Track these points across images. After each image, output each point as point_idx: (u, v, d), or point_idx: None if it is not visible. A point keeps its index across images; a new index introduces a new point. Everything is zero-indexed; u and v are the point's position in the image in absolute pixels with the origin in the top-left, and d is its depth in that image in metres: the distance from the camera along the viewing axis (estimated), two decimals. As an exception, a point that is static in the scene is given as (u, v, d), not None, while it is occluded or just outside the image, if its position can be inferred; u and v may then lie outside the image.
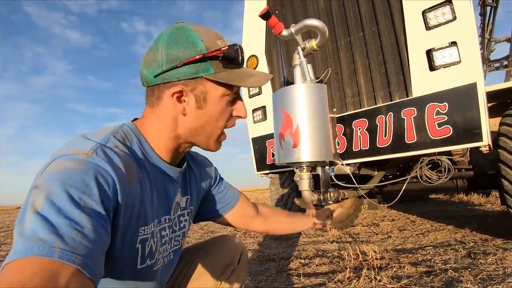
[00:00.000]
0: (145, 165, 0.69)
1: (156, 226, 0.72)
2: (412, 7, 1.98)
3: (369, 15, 2.22)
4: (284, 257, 2.81)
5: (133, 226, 0.63)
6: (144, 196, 0.66)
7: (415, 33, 1.95)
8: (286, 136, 1.63)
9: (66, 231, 0.44)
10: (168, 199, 0.77)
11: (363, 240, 3.29)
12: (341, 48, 2.33)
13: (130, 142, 0.68)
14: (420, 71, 1.90)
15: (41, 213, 0.45)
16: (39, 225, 0.44)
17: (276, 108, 1.74)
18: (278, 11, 2.71)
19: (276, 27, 1.72)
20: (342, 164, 2.02)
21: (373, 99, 2.10)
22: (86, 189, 0.51)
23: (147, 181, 0.68)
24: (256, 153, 2.78)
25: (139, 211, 0.64)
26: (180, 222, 0.84)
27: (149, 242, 0.68)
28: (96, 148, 0.58)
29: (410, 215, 4.79)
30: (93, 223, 0.48)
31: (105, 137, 0.63)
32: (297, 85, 1.70)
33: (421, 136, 1.85)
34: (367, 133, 2.05)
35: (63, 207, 0.47)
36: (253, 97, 2.78)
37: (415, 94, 1.91)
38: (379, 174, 2.47)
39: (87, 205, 0.49)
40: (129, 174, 0.61)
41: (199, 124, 0.70)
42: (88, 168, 0.53)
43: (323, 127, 1.58)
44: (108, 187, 0.55)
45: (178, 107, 0.68)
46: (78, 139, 0.61)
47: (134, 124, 0.73)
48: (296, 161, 1.56)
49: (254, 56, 2.78)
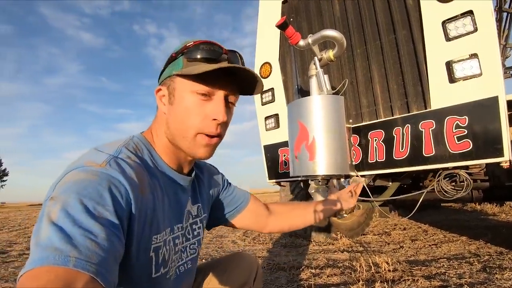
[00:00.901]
0: (156, 174, 0.70)
1: (169, 234, 0.72)
2: (432, 17, 1.94)
3: (387, 24, 2.19)
4: (294, 266, 2.78)
5: (146, 234, 0.64)
6: (156, 204, 0.67)
7: (434, 43, 1.91)
8: (301, 148, 1.61)
9: (81, 241, 0.46)
10: (180, 208, 0.78)
11: (374, 250, 3.24)
12: (357, 57, 2.30)
13: (141, 153, 0.70)
14: (439, 83, 1.86)
15: (56, 223, 0.47)
16: (55, 235, 0.46)
17: (291, 119, 1.73)
18: (292, 18, 2.70)
19: (293, 38, 1.71)
20: (357, 176, 1.99)
21: (390, 110, 2.07)
22: (100, 200, 0.52)
23: (158, 190, 0.69)
24: (268, 161, 2.76)
25: (151, 219, 0.65)
26: (194, 230, 0.85)
27: (161, 250, 0.69)
28: (109, 159, 0.60)
29: (422, 224, 4.72)
30: (107, 233, 0.50)
31: (117, 149, 0.65)
32: (314, 96, 1.68)
33: (439, 149, 1.81)
34: (383, 145, 2.01)
35: (78, 217, 0.48)
36: (266, 104, 2.76)
37: (434, 107, 1.86)
38: (393, 185, 2.43)
39: (101, 215, 0.51)
40: (142, 183, 0.62)
41: (173, 121, 0.70)
42: (102, 179, 0.55)
43: (340, 140, 1.56)
44: (122, 197, 0.56)
45: (161, 107, 0.73)
46: (91, 152, 0.63)
47: (143, 135, 0.75)
48: (312, 174, 1.54)
49: (267, 63, 2.77)
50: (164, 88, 0.72)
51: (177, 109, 0.69)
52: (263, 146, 2.80)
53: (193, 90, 0.68)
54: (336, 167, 1.53)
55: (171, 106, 0.71)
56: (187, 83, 0.68)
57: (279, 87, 2.70)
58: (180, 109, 0.69)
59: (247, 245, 4.02)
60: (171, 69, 0.71)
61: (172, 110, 0.70)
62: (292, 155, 1.68)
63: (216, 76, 0.67)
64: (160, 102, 0.73)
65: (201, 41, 0.69)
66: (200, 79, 0.66)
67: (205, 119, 0.69)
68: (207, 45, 0.69)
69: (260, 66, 2.83)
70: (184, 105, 0.68)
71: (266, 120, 2.75)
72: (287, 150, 2.56)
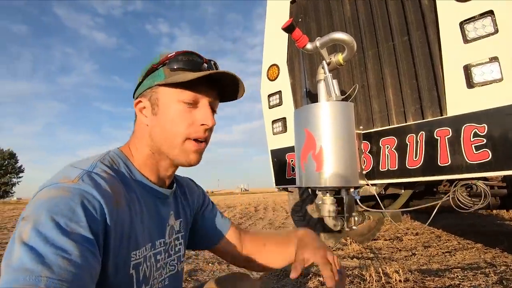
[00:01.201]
0: (133, 186, 0.69)
1: (150, 250, 0.70)
2: (449, 18, 1.83)
3: (400, 24, 2.08)
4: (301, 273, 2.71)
5: (124, 250, 0.62)
6: (134, 218, 0.65)
7: (451, 46, 1.80)
8: (308, 158, 1.53)
9: (53, 259, 0.45)
10: (161, 221, 0.76)
11: (385, 257, 3.14)
12: (368, 59, 2.20)
13: (117, 166, 0.69)
14: (456, 88, 1.75)
15: (27, 243, 0.46)
16: (26, 255, 0.45)
17: (298, 126, 1.65)
18: (301, 19, 2.60)
19: (300, 41, 1.63)
20: (368, 185, 1.90)
21: (403, 116, 1.96)
22: (72, 216, 0.51)
23: (136, 203, 0.68)
24: (275, 166, 2.69)
25: (129, 233, 0.63)
26: (175, 246, 0.82)
27: (142, 267, 0.67)
28: (82, 174, 0.59)
29: (435, 228, 4.57)
30: (80, 249, 0.49)
31: (92, 163, 0.64)
32: (322, 102, 1.60)
33: (456, 159, 1.70)
34: (396, 153, 1.91)
35: (50, 235, 0.47)
36: (273, 108, 2.69)
37: (450, 113, 1.76)
38: (406, 193, 2.33)
39: (74, 231, 0.50)
40: (117, 197, 0.61)
41: (158, 131, 0.70)
42: (74, 194, 0.54)
43: (350, 150, 1.47)
44: (96, 212, 0.55)
45: (143, 119, 0.72)
46: (66, 169, 0.62)
47: (120, 150, 0.74)
48: (319, 186, 1.46)
49: (275, 65, 2.69)
50: (145, 100, 0.71)
51: (163, 119, 0.69)
52: (270, 150, 2.73)
53: (178, 99, 0.68)
54: (344, 179, 1.44)
55: (155, 117, 0.70)
56: (172, 92, 0.68)
57: (287, 90, 2.62)
58: (166, 118, 0.69)
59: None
60: (152, 80, 0.70)
61: (156, 121, 0.70)
62: (299, 165, 1.60)
63: (200, 84, 0.68)
64: (141, 114, 0.72)
65: (181, 51, 0.70)
66: (185, 87, 0.67)
67: (193, 124, 0.69)
68: (188, 55, 0.70)
69: (268, 68, 2.75)
70: (171, 113, 0.68)
71: (273, 123, 2.68)
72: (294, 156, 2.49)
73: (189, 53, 0.70)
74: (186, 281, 2.70)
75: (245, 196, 35.59)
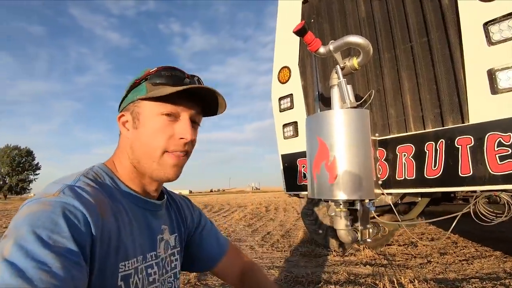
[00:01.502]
0: (119, 198, 0.69)
1: (141, 262, 0.69)
2: (471, 18, 1.73)
3: (418, 24, 1.98)
4: (313, 281, 2.64)
5: (112, 261, 0.61)
6: (121, 229, 0.64)
7: (474, 48, 1.70)
8: (321, 168, 1.46)
9: (33, 273, 0.45)
10: (151, 234, 0.75)
11: (399, 264, 3.04)
12: (384, 62, 2.10)
13: (102, 179, 0.69)
14: (479, 93, 1.65)
15: (8, 259, 0.46)
16: (6, 272, 0.44)
17: (310, 134, 1.57)
18: (313, 19, 2.52)
19: (313, 44, 1.55)
20: (383, 194, 1.81)
21: (421, 122, 1.86)
22: (54, 228, 0.51)
23: (124, 215, 0.67)
24: (285, 171, 2.62)
25: (117, 244, 0.62)
26: (171, 262, 0.81)
27: (133, 279, 0.65)
28: (63, 188, 0.59)
29: (451, 234, 4.42)
30: (62, 261, 0.48)
31: (75, 178, 0.64)
32: (335, 110, 1.52)
33: (478, 169, 1.60)
34: (413, 161, 1.81)
35: (31, 249, 0.47)
36: (284, 111, 2.61)
37: (473, 120, 1.65)
38: (423, 201, 2.23)
39: (57, 243, 0.50)
40: (101, 207, 0.61)
41: (138, 144, 0.70)
42: (55, 207, 0.54)
43: (365, 161, 1.39)
44: (79, 222, 0.54)
45: (125, 133, 0.72)
46: (48, 185, 0.62)
47: (104, 164, 0.74)
48: (332, 199, 1.39)
49: (286, 68, 2.61)
50: (127, 114, 0.73)
51: (143, 132, 0.69)
52: (281, 155, 2.66)
53: (159, 113, 0.68)
54: (359, 192, 1.37)
55: (135, 130, 0.71)
56: (153, 106, 0.69)
57: (298, 93, 2.54)
58: (146, 131, 0.69)
59: (265, 252, 3.92)
60: (134, 95, 0.71)
61: (137, 134, 0.70)
62: (311, 175, 1.53)
63: (181, 98, 0.69)
64: (123, 127, 0.73)
65: (163, 67, 0.71)
66: (166, 101, 0.68)
67: (171, 138, 0.69)
68: (170, 70, 0.70)
69: (279, 70, 2.67)
70: (150, 127, 0.69)
71: (284, 127, 2.60)
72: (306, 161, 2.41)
73: (171, 68, 0.71)
74: (195, 285, 2.67)
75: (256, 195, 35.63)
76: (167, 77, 0.70)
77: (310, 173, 1.55)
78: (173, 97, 0.67)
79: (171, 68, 0.72)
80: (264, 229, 5.95)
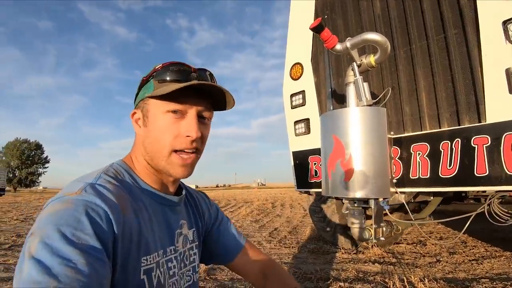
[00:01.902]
0: (140, 195, 0.70)
1: (162, 256, 0.71)
2: (490, 16, 1.70)
3: (435, 21, 1.95)
4: (322, 277, 2.65)
5: (134, 256, 0.63)
6: (142, 225, 0.66)
7: (492, 46, 1.67)
8: (336, 166, 1.46)
9: (59, 270, 0.46)
10: (170, 229, 0.76)
11: (408, 263, 3.03)
12: (399, 59, 2.08)
13: (121, 177, 0.70)
14: (497, 92, 1.62)
15: (35, 257, 0.47)
16: (34, 269, 0.46)
17: (325, 132, 1.57)
18: (327, 15, 2.50)
19: (329, 41, 1.54)
20: (397, 193, 1.80)
21: (437, 121, 1.84)
22: (78, 225, 0.52)
23: (144, 211, 0.68)
24: (296, 169, 2.61)
25: (138, 240, 0.64)
26: (190, 256, 0.83)
27: (155, 273, 0.67)
28: (85, 186, 0.60)
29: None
30: (87, 258, 0.49)
31: (96, 176, 0.65)
32: (351, 108, 1.51)
33: (494, 170, 1.58)
34: (428, 160, 1.80)
35: (56, 246, 0.49)
36: (296, 108, 2.60)
37: (490, 120, 1.63)
38: (435, 201, 2.22)
39: (81, 240, 0.51)
40: (122, 204, 0.62)
41: (148, 142, 0.71)
42: (78, 205, 0.55)
43: (381, 159, 1.39)
44: (101, 219, 0.56)
45: (137, 130, 0.74)
46: (70, 183, 0.64)
47: (123, 161, 0.76)
48: (347, 197, 1.39)
49: (298, 64, 2.60)
50: (139, 111, 0.74)
51: (152, 130, 0.70)
52: (292, 152, 2.65)
53: (165, 110, 0.69)
54: (375, 190, 1.36)
55: (146, 128, 0.72)
56: (160, 104, 0.69)
57: (310, 90, 2.53)
58: (154, 129, 0.70)
59: (273, 248, 3.93)
60: (143, 92, 0.72)
61: (147, 132, 0.72)
62: (325, 172, 1.53)
63: (186, 94, 0.69)
64: (136, 125, 0.75)
65: (169, 63, 0.71)
66: (172, 98, 0.68)
67: (178, 136, 0.69)
68: (176, 66, 0.70)
69: (291, 66, 2.66)
70: (158, 125, 0.69)
71: (296, 124, 2.59)
72: (318, 158, 2.40)
73: (176, 64, 0.71)
74: (205, 280, 2.69)
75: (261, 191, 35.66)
76: (172, 73, 0.70)
77: (325, 170, 1.55)
78: (179, 94, 0.67)
79: (177, 63, 0.71)
80: (271, 225, 5.97)
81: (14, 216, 7.33)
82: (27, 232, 3.97)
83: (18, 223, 6.33)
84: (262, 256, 0.99)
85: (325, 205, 3.36)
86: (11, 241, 4.32)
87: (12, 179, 50.67)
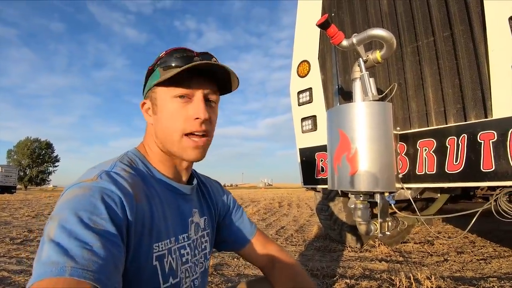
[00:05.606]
0: (153, 183, 0.72)
1: (174, 243, 0.72)
2: (496, 11, 1.70)
3: (441, 17, 1.95)
4: (328, 274, 2.66)
5: (146, 242, 0.64)
6: (155, 213, 0.68)
7: (498, 42, 1.67)
8: (342, 160, 1.47)
9: (76, 251, 0.48)
10: (183, 217, 0.78)
11: (415, 262, 3.02)
12: (406, 55, 2.09)
13: (136, 165, 0.73)
14: (503, 88, 1.62)
15: (54, 239, 0.50)
16: (52, 251, 0.48)
17: (331, 126, 1.59)
18: (334, 13, 2.51)
19: (336, 37, 1.56)
20: (403, 188, 1.81)
21: (443, 116, 1.85)
22: (94, 210, 0.54)
23: (156, 199, 0.70)
24: (303, 165, 2.63)
25: (150, 227, 0.66)
26: (202, 244, 0.85)
27: (167, 259, 0.69)
28: (100, 173, 0.62)
29: (468, 233, 4.35)
30: (102, 241, 0.52)
31: (111, 164, 0.68)
32: (357, 102, 1.53)
33: (500, 165, 1.58)
34: (434, 156, 1.80)
35: (73, 229, 0.51)
36: (303, 105, 2.62)
37: (496, 116, 1.63)
38: (442, 198, 2.21)
39: (97, 224, 0.53)
40: (136, 191, 0.64)
41: (159, 129, 0.73)
42: (94, 191, 0.57)
43: (387, 153, 1.40)
44: (116, 205, 0.58)
45: (148, 119, 0.77)
46: (87, 171, 0.66)
47: (137, 149, 0.79)
48: (353, 190, 1.41)
49: (305, 62, 2.62)
50: (148, 101, 0.76)
51: (161, 117, 0.72)
52: (299, 149, 2.67)
53: (172, 96, 0.71)
54: (380, 184, 1.37)
55: (156, 116, 0.74)
56: (166, 91, 0.71)
57: (317, 87, 2.54)
58: (163, 116, 0.72)
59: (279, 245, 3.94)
60: (151, 81, 0.74)
61: (157, 119, 0.74)
62: (331, 166, 1.54)
63: (191, 78, 0.70)
64: (146, 114, 0.77)
65: (172, 49, 0.73)
66: (177, 84, 0.69)
67: (187, 119, 0.71)
68: (179, 52, 0.72)
69: (298, 64, 2.68)
70: (167, 111, 0.71)
71: (303, 121, 2.61)
72: (324, 155, 2.41)
73: (179, 49, 0.73)
74: (212, 275, 2.72)
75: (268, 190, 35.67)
76: (176, 59, 0.71)
77: (331, 165, 1.56)
78: (184, 79, 0.69)
79: (180, 49, 0.73)
80: (278, 223, 5.98)
81: (26, 213, 7.47)
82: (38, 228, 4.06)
83: (30, 219, 6.45)
84: (273, 245, 1.00)
85: (332, 203, 3.36)
86: (23, 236, 4.41)
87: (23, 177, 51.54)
